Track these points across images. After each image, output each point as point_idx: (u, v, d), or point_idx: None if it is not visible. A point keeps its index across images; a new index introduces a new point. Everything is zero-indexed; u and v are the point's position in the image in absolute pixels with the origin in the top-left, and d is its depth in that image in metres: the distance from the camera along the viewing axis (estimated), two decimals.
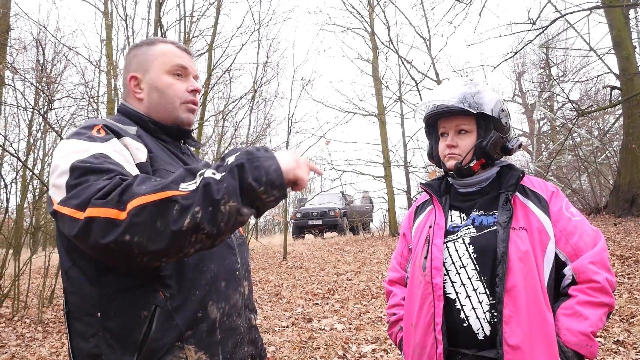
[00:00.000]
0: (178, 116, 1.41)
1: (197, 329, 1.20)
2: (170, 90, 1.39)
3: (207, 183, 0.98)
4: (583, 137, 15.56)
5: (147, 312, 1.16)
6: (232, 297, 1.30)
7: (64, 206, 1.04)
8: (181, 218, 0.96)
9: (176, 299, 1.18)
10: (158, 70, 1.40)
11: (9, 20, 8.18)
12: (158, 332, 1.15)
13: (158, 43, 1.44)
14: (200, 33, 11.74)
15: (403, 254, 1.86)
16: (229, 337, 1.27)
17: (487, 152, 1.62)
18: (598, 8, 10.52)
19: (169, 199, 0.97)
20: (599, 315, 1.45)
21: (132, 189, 0.99)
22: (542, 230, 1.54)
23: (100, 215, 0.97)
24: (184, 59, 1.43)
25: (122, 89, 1.48)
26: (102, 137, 1.19)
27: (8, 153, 8.33)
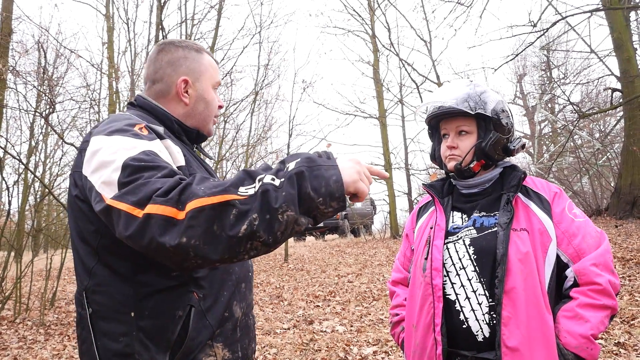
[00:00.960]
0: (209, 128, 1.49)
1: (224, 327, 1.26)
2: (213, 105, 1.47)
3: (265, 190, 0.96)
4: (584, 139, 15.56)
5: (182, 312, 1.19)
6: (249, 297, 1.38)
7: (121, 202, 1.00)
8: (238, 224, 0.94)
9: (208, 300, 1.23)
10: (207, 82, 1.45)
11: (11, 23, 8.21)
12: (194, 331, 1.19)
13: (204, 53, 1.47)
14: (202, 36, 11.77)
15: (406, 254, 1.87)
16: (246, 334, 1.34)
17: (486, 153, 1.62)
18: (599, 10, 10.53)
19: (227, 202, 0.95)
20: (600, 318, 1.44)
21: (191, 189, 0.97)
22: (543, 232, 1.53)
23: (159, 213, 0.95)
24: (220, 75, 1.51)
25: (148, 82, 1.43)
26: (147, 135, 1.17)
27: (10, 155, 8.34)
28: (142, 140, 1.13)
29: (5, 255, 7.68)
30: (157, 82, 1.42)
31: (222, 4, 11.42)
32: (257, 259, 11.51)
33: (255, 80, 13.08)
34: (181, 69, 1.41)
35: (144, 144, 1.11)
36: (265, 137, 17.43)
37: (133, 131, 1.16)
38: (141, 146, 1.10)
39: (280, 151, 16.24)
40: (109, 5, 11.17)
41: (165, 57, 1.42)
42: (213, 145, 15.79)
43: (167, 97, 1.42)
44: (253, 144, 15.14)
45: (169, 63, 1.42)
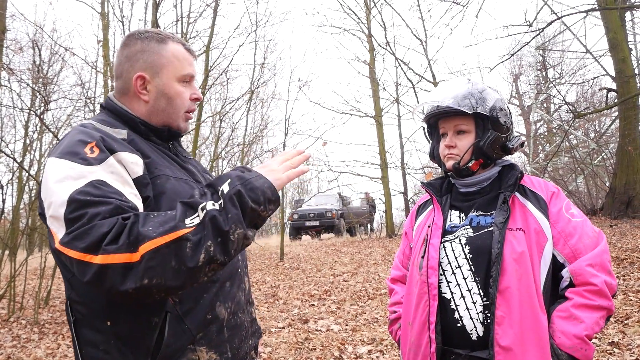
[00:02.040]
0: (178, 124, 1.38)
1: (208, 330, 1.23)
2: (179, 100, 1.35)
3: (212, 216, 1.03)
4: (579, 139, 15.62)
5: (157, 319, 1.17)
6: (237, 295, 1.33)
7: (70, 249, 1.01)
8: (196, 254, 1.00)
9: (185, 304, 1.20)
10: (170, 76, 1.33)
11: (5, 21, 8.16)
12: (171, 337, 1.17)
13: (168, 41, 1.35)
14: (197, 34, 11.73)
15: (405, 252, 1.87)
16: (236, 334, 1.30)
17: (485, 152, 1.61)
18: (594, 10, 10.56)
19: (180, 238, 1.00)
20: (595, 318, 1.43)
21: (139, 231, 0.99)
22: (539, 232, 1.53)
23: (115, 262, 0.97)
24: (193, 65, 1.38)
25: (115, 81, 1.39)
26: (96, 157, 1.14)
27: (4, 154, 8.30)
28: (91, 166, 1.11)
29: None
30: (118, 79, 1.36)
31: (218, 2, 11.39)
32: (253, 258, 11.51)
33: (251, 79, 13.06)
34: (138, 64, 1.32)
35: (92, 173, 1.10)
36: (261, 136, 17.44)
37: (82, 155, 1.13)
38: (89, 176, 1.09)
39: (276, 150, 16.22)
40: (104, 3, 11.11)
41: (124, 52, 1.35)
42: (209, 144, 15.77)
43: (128, 94, 1.35)
44: (249, 142, 15.12)
45: (127, 58, 1.34)
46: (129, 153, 1.20)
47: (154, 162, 1.25)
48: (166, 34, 1.36)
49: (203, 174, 1.45)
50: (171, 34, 1.38)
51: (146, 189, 1.19)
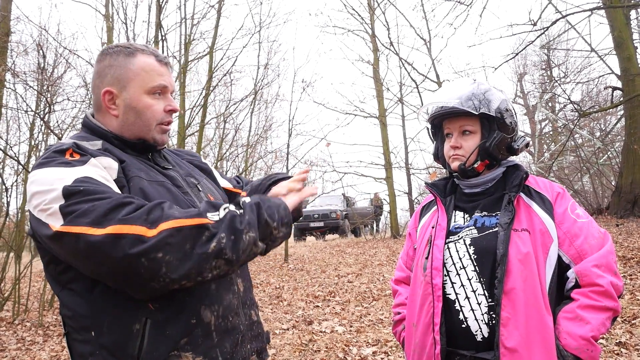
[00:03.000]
0: (152, 137, 1.36)
1: (193, 335, 1.20)
2: (149, 112, 1.33)
3: (233, 215, 1.11)
4: (585, 138, 15.54)
5: (138, 326, 1.16)
6: (225, 297, 1.29)
7: (74, 225, 1.04)
8: (208, 243, 1.06)
9: (166, 309, 1.18)
10: (137, 89, 1.32)
11: (9, 23, 8.20)
12: (151, 344, 1.15)
13: (137, 54, 1.33)
14: (201, 35, 11.75)
15: (409, 253, 1.86)
16: (226, 338, 1.26)
17: (490, 153, 1.60)
18: (599, 9, 10.50)
19: (204, 225, 1.08)
20: (601, 319, 1.42)
21: (163, 211, 1.07)
22: (544, 232, 1.51)
23: (129, 232, 1.02)
24: (165, 76, 1.35)
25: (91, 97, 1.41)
26: (78, 159, 1.17)
27: (8, 156, 8.33)
28: (74, 167, 1.14)
29: (4, 256, 7.67)
30: (93, 96, 1.39)
31: (221, 3, 11.41)
32: (257, 259, 11.50)
33: (255, 80, 13.08)
34: (106, 79, 1.33)
35: (76, 171, 1.13)
36: (265, 137, 17.44)
37: (62, 159, 1.16)
38: (74, 174, 1.12)
39: (279, 150, 16.24)
40: (109, 5, 11.15)
41: (95, 68, 1.36)
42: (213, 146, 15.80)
43: (100, 110, 1.35)
44: (253, 143, 15.13)
45: (97, 74, 1.35)
46: (104, 157, 1.22)
47: (128, 165, 1.26)
48: (137, 46, 1.36)
49: (186, 178, 1.43)
50: (144, 46, 1.37)
51: (122, 191, 1.20)
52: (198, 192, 1.41)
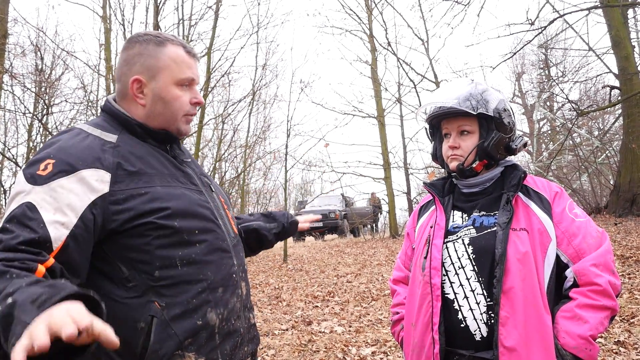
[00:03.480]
0: (177, 127, 1.36)
1: (198, 336, 1.21)
2: (177, 103, 1.33)
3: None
4: (583, 137, 15.56)
5: (144, 324, 1.16)
6: (230, 301, 1.30)
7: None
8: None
9: (173, 309, 1.19)
10: (166, 79, 1.31)
11: (6, 25, 8.19)
12: (156, 342, 1.16)
13: (167, 44, 1.33)
14: (199, 36, 11.76)
15: (407, 253, 1.86)
16: (228, 340, 1.28)
17: (489, 153, 1.60)
18: (596, 8, 10.51)
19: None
20: (599, 318, 1.42)
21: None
22: (543, 232, 1.52)
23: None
24: (193, 69, 1.35)
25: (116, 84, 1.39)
26: (45, 175, 1.13)
27: (7, 158, 8.32)
28: (34, 186, 1.12)
29: None
30: (118, 83, 1.37)
31: (219, 4, 11.41)
32: (256, 260, 11.48)
33: (253, 81, 13.10)
34: (135, 68, 1.31)
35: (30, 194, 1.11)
36: (264, 138, 17.46)
37: (34, 171, 1.14)
38: (26, 197, 1.11)
39: (278, 151, 16.24)
40: (106, 6, 11.15)
41: (123, 55, 1.35)
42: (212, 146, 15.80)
43: (126, 98, 1.34)
44: (251, 144, 15.13)
45: (125, 61, 1.34)
46: (93, 170, 1.17)
47: (140, 172, 1.23)
48: (166, 36, 1.35)
49: (200, 177, 1.43)
50: (172, 36, 1.36)
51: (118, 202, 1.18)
52: (211, 193, 1.41)
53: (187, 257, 1.23)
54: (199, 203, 1.31)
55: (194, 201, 1.30)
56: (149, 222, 1.19)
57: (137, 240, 1.19)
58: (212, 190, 1.43)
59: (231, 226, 1.42)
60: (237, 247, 1.41)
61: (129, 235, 1.19)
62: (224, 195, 1.50)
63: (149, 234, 1.19)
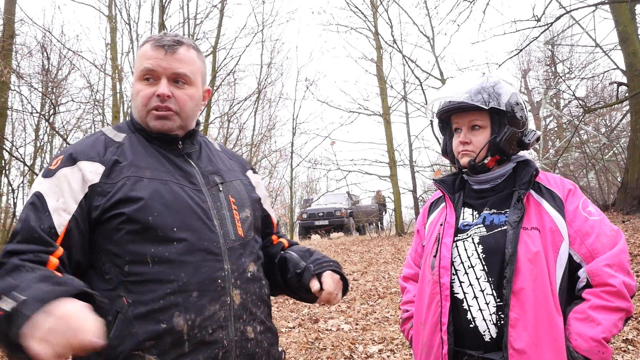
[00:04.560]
0: (147, 123, 1.35)
1: (161, 340, 1.17)
2: (138, 98, 1.33)
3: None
4: (590, 134, 15.46)
5: (111, 318, 1.17)
6: (208, 308, 1.22)
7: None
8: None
9: (138, 307, 1.17)
10: (135, 76, 1.36)
11: (13, 26, 8.23)
12: (115, 338, 1.15)
13: (145, 44, 1.36)
14: (204, 35, 11.77)
15: (417, 250, 1.83)
16: (201, 350, 1.20)
17: (501, 148, 1.56)
18: (603, 4, 10.42)
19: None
20: (613, 320, 1.38)
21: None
22: (555, 231, 1.48)
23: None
24: (152, 59, 1.31)
25: None
26: (53, 169, 1.26)
27: (15, 158, 8.37)
28: (45, 178, 1.25)
29: None
30: None
31: (224, 3, 11.41)
32: None
33: (258, 79, 13.10)
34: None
35: (40, 185, 1.24)
36: (269, 136, 17.45)
37: (48, 168, 1.28)
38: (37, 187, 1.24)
39: (284, 149, 16.24)
40: (112, 6, 11.18)
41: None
42: None
43: None
44: (257, 143, 15.14)
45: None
46: (91, 162, 1.27)
47: (130, 164, 1.29)
48: (150, 37, 1.38)
49: (209, 175, 1.41)
50: (160, 34, 1.37)
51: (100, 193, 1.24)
52: (217, 192, 1.38)
53: (160, 255, 1.21)
54: (187, 201, 1.29)
55: (180, 198, 1.28)
56: (121, 213, 1.22)
57: (112, 232, 1.23)
58: (220, 190, 1.39)
59: (235, 228, 1.36)
60: (236, 251, 1.33)
61: (107, 226, 1.23)
62: (238, 196, 1.44)
63: (122, 227, 1.22)
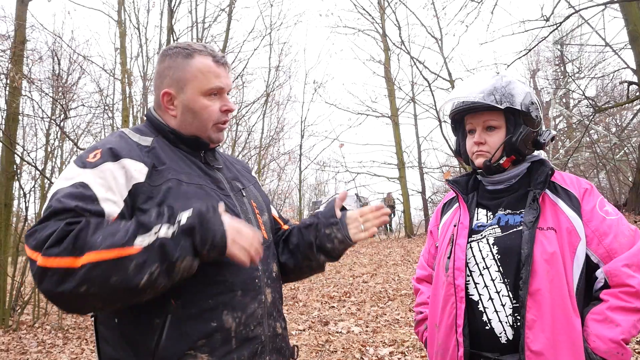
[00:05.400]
0: (209, 136, 1.40)
1: (212, 338, 1.21)
2: (205, 113, 1.37)
3: (162, 244, 1.07)
4: (600, 133, 15.32)
5: (159, 320, 1.18)
6: (250, 306, 1.29)
7: (26, 244, 1.09)
8: (138, 275, 1.04)
9: (189, 308, 1.20)
10: (194, 91, 1.35)
11: (24, 32, 8.31)
12: (168, 340, 1.18)
13: (195, 55, 1.37)
14: (213, 39, 11.82)
15: (430, 251, 1.82)
16: (246, 346, 1.27)
17: (517, 148, 1.54)
18: (613, 3, 10.33)
19: (125, 257, 1.04)
20: (632, 321, 1.36)
21: (87, 238, 1.04)
22: (572, 231, 1.46)
23: (55, 266, 1.02)
24: (222, 77, 1.38)
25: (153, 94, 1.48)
26: (94, 162, 1.22)
27: (26, 162, 8.45)
28: (84, 169, 1.20)
29: (23, 260, 7.77)
30: (155, 94, 1.44)
31: (232, 6, 11.47)
32: None
33: (267, 82, 13.14)
34: (165, 81, 1.38)
35: (81, 175, 1.19)
36: (278, 139, 17.46)
37: (84, 159, 1.23)
38: (78, 177, 1.18)
39: (292, 152, 16.25)
40: (121, 11, 11.27)
41: (157, 69, 1.42)
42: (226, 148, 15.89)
43: (160, 108, 1.41)
44: (265, 145, 15.17)
45: (158, 74, 1.41)
46: (135, 161, 1.25)
47: (168, 168, 1.29)
48: (196, 47, 1.39)
49: (231, 182, 1.45)
50: (203, 46, 1.40)
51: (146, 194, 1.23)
52: (241, 197, 1.43)
53: None
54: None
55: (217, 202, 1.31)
56: None
57: None
58: (243, 195, 1.45)
59: (260, 232, 1.40)
60: (265, 252, 1.39)
61: None
62: (257, 200, 1.50)
63: None
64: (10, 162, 7.82)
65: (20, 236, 7.85)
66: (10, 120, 7.92)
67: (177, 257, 1.07)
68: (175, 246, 1.07)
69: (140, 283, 1.04)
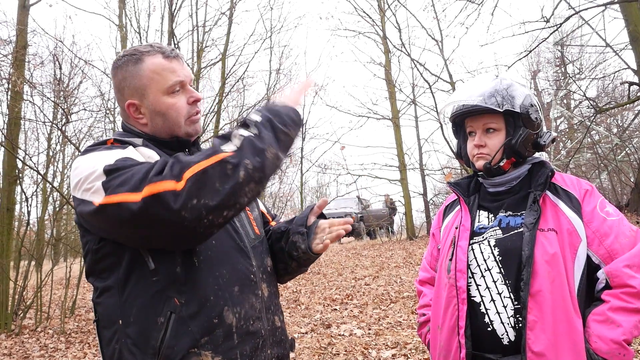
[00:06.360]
0: (185, 132, 1.38)
1: (214, 334, 1.23)
2: (173, 112, 1.35)
3: (249, 140, 1.12)
4: (602, 134, 15.31)
5: (163, 319, 1.20)
6: (248, 301, 1.31)
7: (115, 194, 1.09)
8: (236, 173, 1.08)
9: (191, 306, 1.21)
10: (156, 93, 1.33)
11: (26, 36, 8.34)
12: (172, 338, 1.19)
13: (145, 58, 1.34)
14: (213, 42, 11.86)
15: (433, 254, 1.83)
16: (247, 341, 1.28)
17: (517, 151, 1.56)
18: (613, 3, 10.33)
19: (222, 161, 1.09)
20: (633, 322, 1.36)
21: (181, 162, 1.10)
22: (572, 232, 1.46)
23: (162, 190, 1.06)
24: (177, 71, 1.35)
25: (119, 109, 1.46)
26: (118, 146, 1.27)
27: (28, 167, 8.47)
28: (115, 150, 1.23)
29: (25, 264, 7.79)
30: (120, 109, 1.42)
31: (232, 10, 11.50)
32: None
33: (267, 85, 13.16)
34: (125, 92, 1.36)
35: (117, 153, 1.21)
36: None
37: (104, 146, 1.27)
38: (115, 155, 1.20)
39: (293, 154, 16.25)
40: (122, 15, 11.30)
41: (113, 83, 1.40)
42: None
43: (129, 120, 1.40)
44: None
45: (116, 89, 1.39)
46: (146, 149, 1.31)
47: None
48: (142, 50, 1.36)
49: None
50: (149, 45, 1.37)
51: None
52: None
53: (204, 254, 1.26)
54: None
55: None
56: None
57: None
58: None
59: (252, 227, 1.44)
60: (258, 249, 1.41)
61: None
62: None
63: None
64: (13, 166, 7.84)
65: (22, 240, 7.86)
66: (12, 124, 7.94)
67: (264, 146, 1.12)
68: (260, 139, 1.13)
69: (239, 179, 1.08)
